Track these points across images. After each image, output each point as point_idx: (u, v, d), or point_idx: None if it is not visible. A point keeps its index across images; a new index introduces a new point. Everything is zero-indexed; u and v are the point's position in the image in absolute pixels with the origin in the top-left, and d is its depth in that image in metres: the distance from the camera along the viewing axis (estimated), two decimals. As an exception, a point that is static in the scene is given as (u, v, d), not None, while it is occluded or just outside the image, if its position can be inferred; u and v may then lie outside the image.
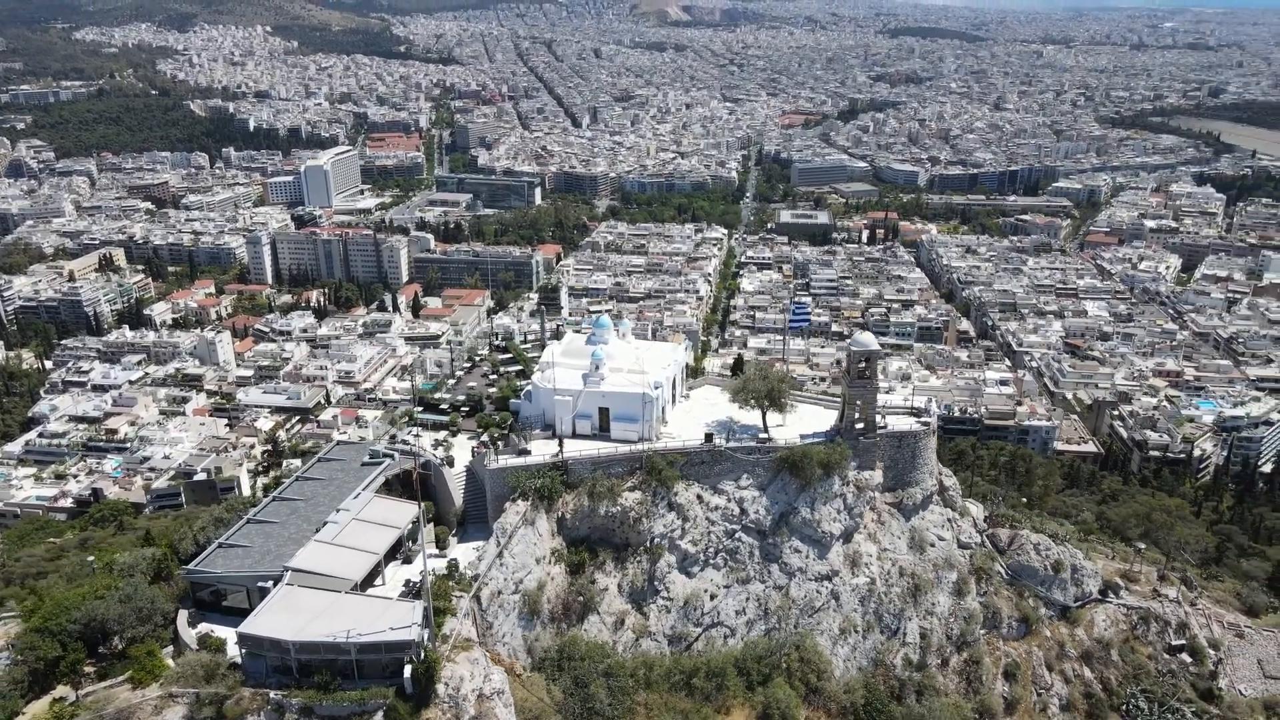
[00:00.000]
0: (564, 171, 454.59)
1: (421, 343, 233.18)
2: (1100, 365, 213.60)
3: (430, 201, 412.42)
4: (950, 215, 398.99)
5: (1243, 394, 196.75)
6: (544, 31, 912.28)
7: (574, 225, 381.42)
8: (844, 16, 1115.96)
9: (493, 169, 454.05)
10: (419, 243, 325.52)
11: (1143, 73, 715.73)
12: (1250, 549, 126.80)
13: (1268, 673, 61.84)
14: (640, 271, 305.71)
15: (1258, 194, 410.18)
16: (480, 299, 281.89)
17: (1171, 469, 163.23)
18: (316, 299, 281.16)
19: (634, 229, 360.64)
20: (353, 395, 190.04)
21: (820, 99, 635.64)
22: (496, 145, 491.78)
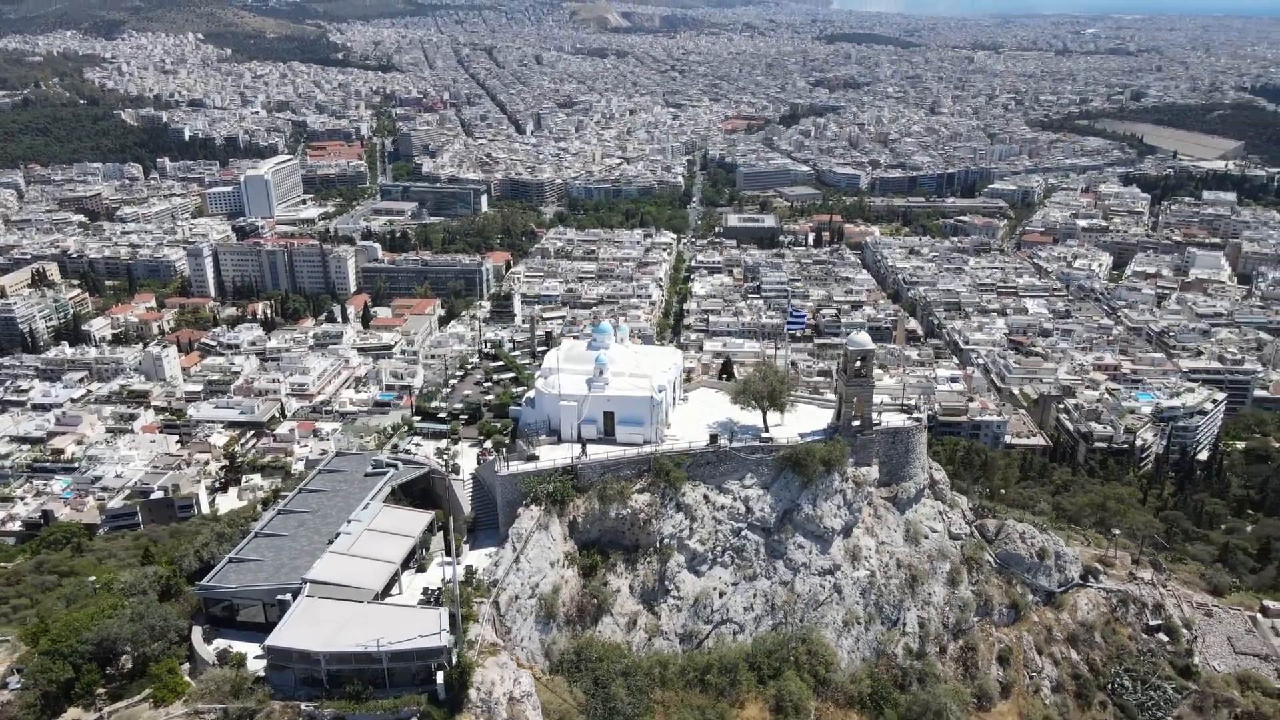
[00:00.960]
0: (510, 178, 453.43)
1: (375, 353, 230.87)
2: (1044, 361, 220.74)
3: (375, 210, 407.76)
4: (892, 217, 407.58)
5: (1178, 385, 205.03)
6: (484, 38, 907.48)
7: (522, 232, 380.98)
8: (781, 23, 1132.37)
9: (437, 177, 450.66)
10: (366, 252, 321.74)
11: (1068, 77, 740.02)
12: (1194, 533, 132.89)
13: (1238, 649, 65.46)
14: (592, 277, 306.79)
15: (1180, 193, 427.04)
16: (431, 308, 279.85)
17: (1116, 459, 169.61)
18: (262, 311, 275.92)
19: (583, 235, 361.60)
20: (308, 408, 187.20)
21: (762, 104, 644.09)
22: (440, 153, 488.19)
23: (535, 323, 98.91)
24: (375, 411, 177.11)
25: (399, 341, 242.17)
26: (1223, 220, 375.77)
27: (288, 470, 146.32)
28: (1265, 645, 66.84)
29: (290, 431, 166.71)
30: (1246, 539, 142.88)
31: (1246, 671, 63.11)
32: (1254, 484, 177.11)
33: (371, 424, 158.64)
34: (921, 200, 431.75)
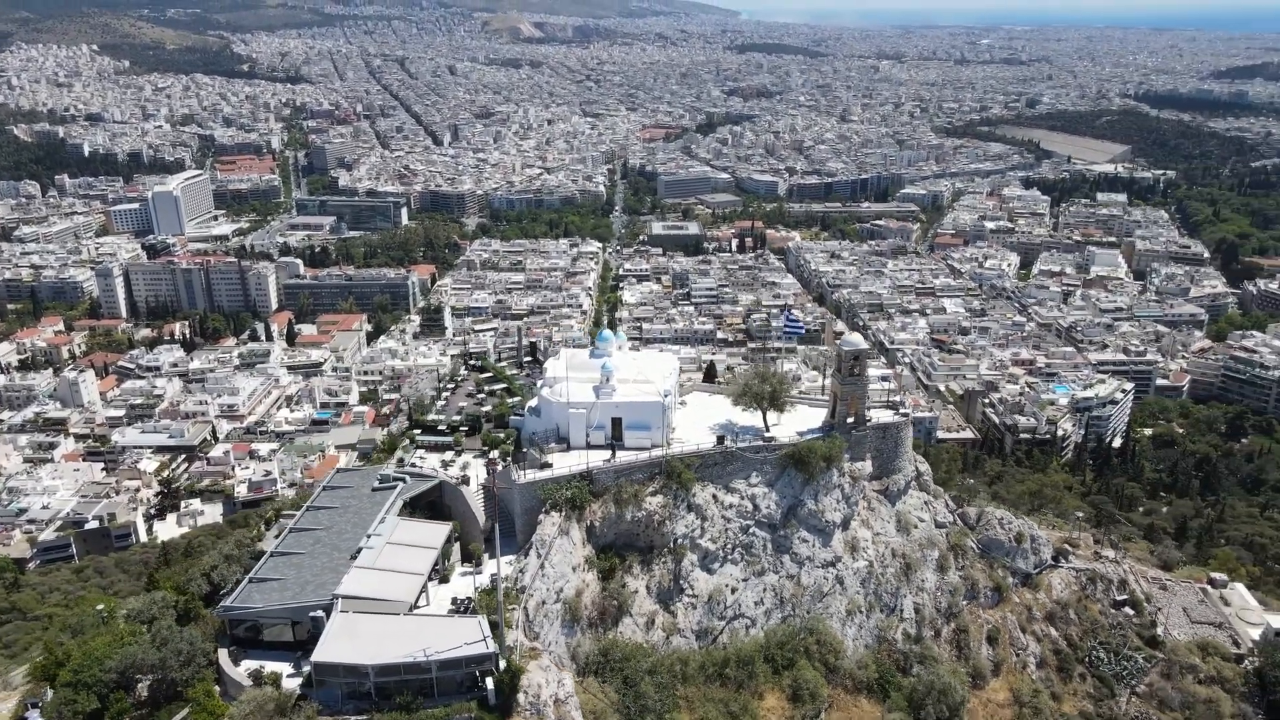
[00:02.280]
0: (430, 190, 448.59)
1: (305, 371, 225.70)
2: (965, 358, 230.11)
3: (291, 225, 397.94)
4: (811, 222, 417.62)
5: (1090, 377, 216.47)
6: (395, 49, 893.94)
7: (445, 244, 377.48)
8: (693, 33, 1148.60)
9: (355, 190, 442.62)
10: (287, 268, 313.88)
11: (968, 86, 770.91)
12: (1118, 516, 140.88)
13: (1194, 619, 70.56)
14: (520, 288, 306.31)
15: (1076, 195, 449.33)
16: (358, 324, 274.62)
17: (1040, 449, 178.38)
18: (180, 332, 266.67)
19: (509, 246, 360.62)
20: (241, 429, 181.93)
21: (678, 113, 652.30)
22: (357, 166, 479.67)
23: (521, 334, 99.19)
24: (313, 430, 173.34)
25: (328, 358, 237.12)
26: (1116, 220, 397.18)
27: (228, 493, 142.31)
28: (1218, 614, 72.23)
29: (225, 454, 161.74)
30: (1164, 519, 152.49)
31: (1204, 639, 68.20)
32: (1164, 468, 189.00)
33: (314, 442, 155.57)
34: (838, 205, 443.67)
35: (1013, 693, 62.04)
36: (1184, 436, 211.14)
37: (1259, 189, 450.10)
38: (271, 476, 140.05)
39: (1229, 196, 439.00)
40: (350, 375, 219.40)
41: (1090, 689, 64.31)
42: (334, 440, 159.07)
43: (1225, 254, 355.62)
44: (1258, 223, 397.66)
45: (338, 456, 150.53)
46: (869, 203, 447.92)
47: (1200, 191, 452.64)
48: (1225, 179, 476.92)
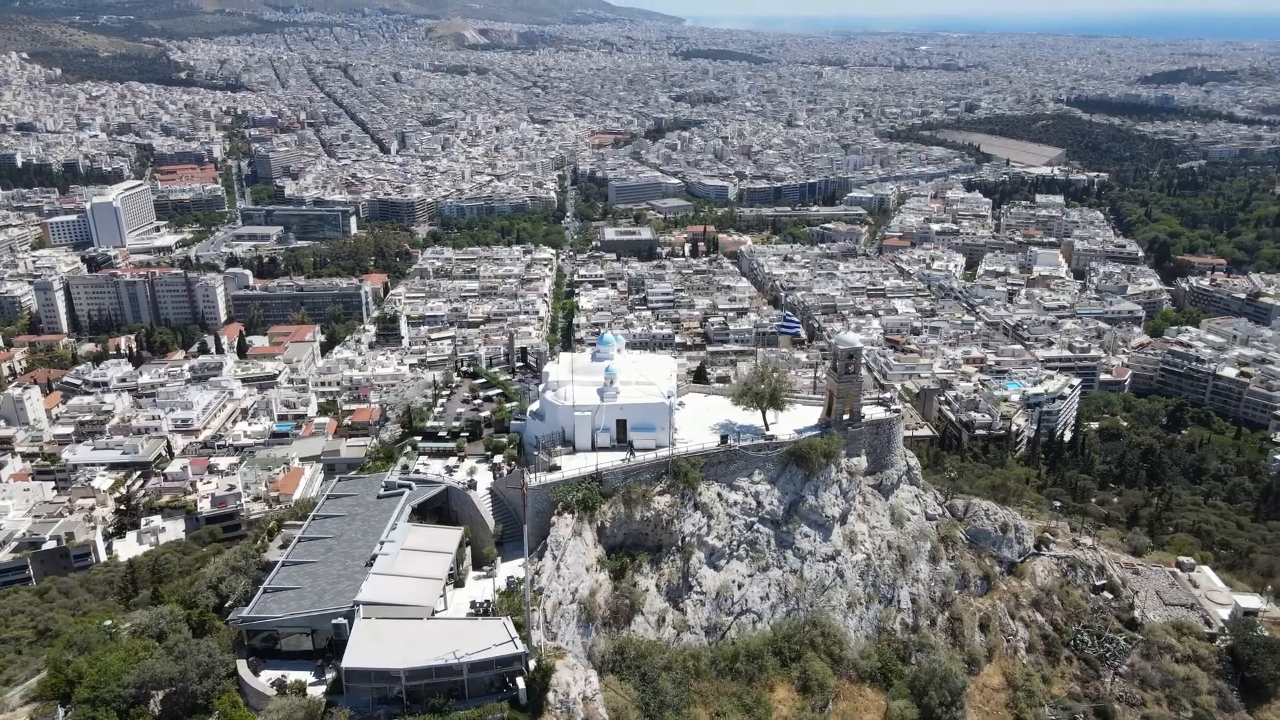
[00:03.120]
0: (379, 199, 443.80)
1: (259, 384, 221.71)
2: (919, 357, 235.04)
3: (237, 236, 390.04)
4: (762, 226, 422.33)
5: (1039, 373, 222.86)
6: (338, 56, 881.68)
7: (396, 253, 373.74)
8: (638, 40, 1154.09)
9: (302, 199, 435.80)
10: (236, 279, 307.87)
11: (909, 91, 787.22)
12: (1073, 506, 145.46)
13: (1167, 601, 73.62)
14: (475, 296, 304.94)
15: (1016, 197, 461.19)
16: (311, 334, 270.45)
17: (996, 444, 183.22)
18: (126, 346, 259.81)
19: (461, 254, 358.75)
20: (198, 444, 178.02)
21: (627, 119, 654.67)
22: (303, 174, 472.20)
23: (513, 339, 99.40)
24: (273, 443, 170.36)
25: (283, 370, 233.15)
26: (1055, 221, 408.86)
27: (190, 509, 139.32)
28: (1188, 596, 75.44)
29: (183, 469, 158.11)
30: (1117, 509, 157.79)
31: (1178, 620, 71.23)
32: (1112, 459, 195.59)
33: (277, 455, 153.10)
34: (787, 209, 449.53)
35: (1006, 677, 64.24)
36: (1129, 429, 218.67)
37: (1187, 190, 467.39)
38: (235, 491, 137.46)
39: (1159, 197, 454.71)
40: (307, 387, 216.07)
41: (1077, 671, 66.84)
42: (298, 452, 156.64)
43: (1158, 253, 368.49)
44: (1187, 222, 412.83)
45: (302, 469, 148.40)
46: (817, 206, 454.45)
47: (1132, 193, 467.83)
48: (1155, 180, 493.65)
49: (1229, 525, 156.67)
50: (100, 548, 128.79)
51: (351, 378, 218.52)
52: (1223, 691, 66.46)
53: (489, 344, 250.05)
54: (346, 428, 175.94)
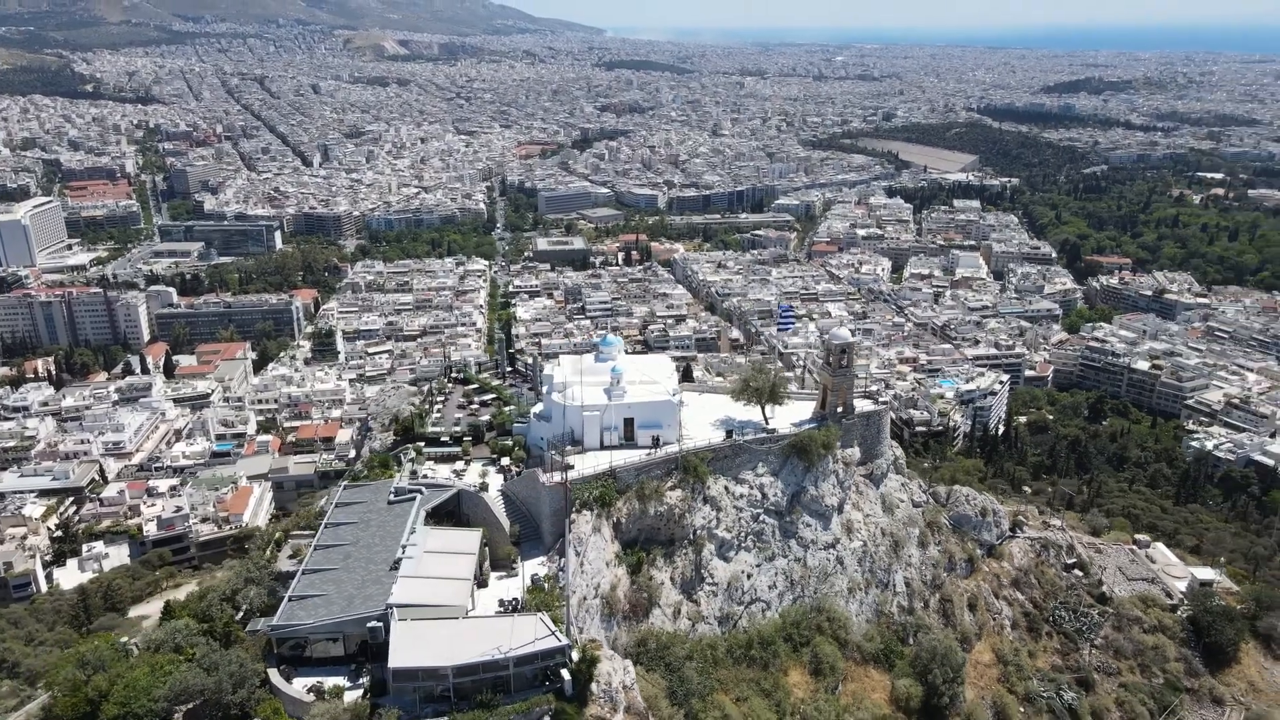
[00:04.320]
0: (303, 213, 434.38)
1: (192, 403, 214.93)
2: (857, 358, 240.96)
3: (155, 253, 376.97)
4: (692, 234, 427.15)
5: (970, 371, 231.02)
6: (253, 68, 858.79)
7: (325, 268, 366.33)
8: (560, 50, 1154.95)
9: (223, 214, 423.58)
10: (159, 297, 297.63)
11: (828, 101, 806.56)
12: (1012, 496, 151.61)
13: (1129, 576, 77.85)
14: (410, 309, 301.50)
15: (935, 202, 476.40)
16: (241, 352, 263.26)
17: (935, 439, 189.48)
18: (44, 369, 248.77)
19: (393, 267, 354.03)
20: (133, 467, 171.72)
21: (553, 129, 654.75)
22: (223, 189, 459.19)
23: (503, 346, 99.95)
24: (214, 463, 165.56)
25: (215, 389, 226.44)
26: (973, 225, 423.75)
27: (132, 532, 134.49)
28: (1148, 571, 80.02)
29: (120, 493, 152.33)
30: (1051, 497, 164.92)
31: (1142, 594, 75.50)
32: (1042, 451, 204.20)
33: (223, 475, 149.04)
34: (717, 217, 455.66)
35: (995, 653, 67.19)
36: (1055, 422, 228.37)
37: (1091, 194, 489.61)
38: (183, 512, 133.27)
39: (1068, 201, 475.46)
40: (244, 405, 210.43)
41: (1057, 645, 70.32)
42: (245, 471, 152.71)
43: (1069, 254, 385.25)
44: (1093, 224, 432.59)
45: (251, 488, 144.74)
46: (746, 213, 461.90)
47: (1042, 197, 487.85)
48: (1062, 185, 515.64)
49: (1154, 509, 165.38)
50: (40, 576, 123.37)
51: (290, 394, 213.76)
52: (1188, 658, 70.80)
53: (428, 356, 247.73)
54: (292, 445, 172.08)
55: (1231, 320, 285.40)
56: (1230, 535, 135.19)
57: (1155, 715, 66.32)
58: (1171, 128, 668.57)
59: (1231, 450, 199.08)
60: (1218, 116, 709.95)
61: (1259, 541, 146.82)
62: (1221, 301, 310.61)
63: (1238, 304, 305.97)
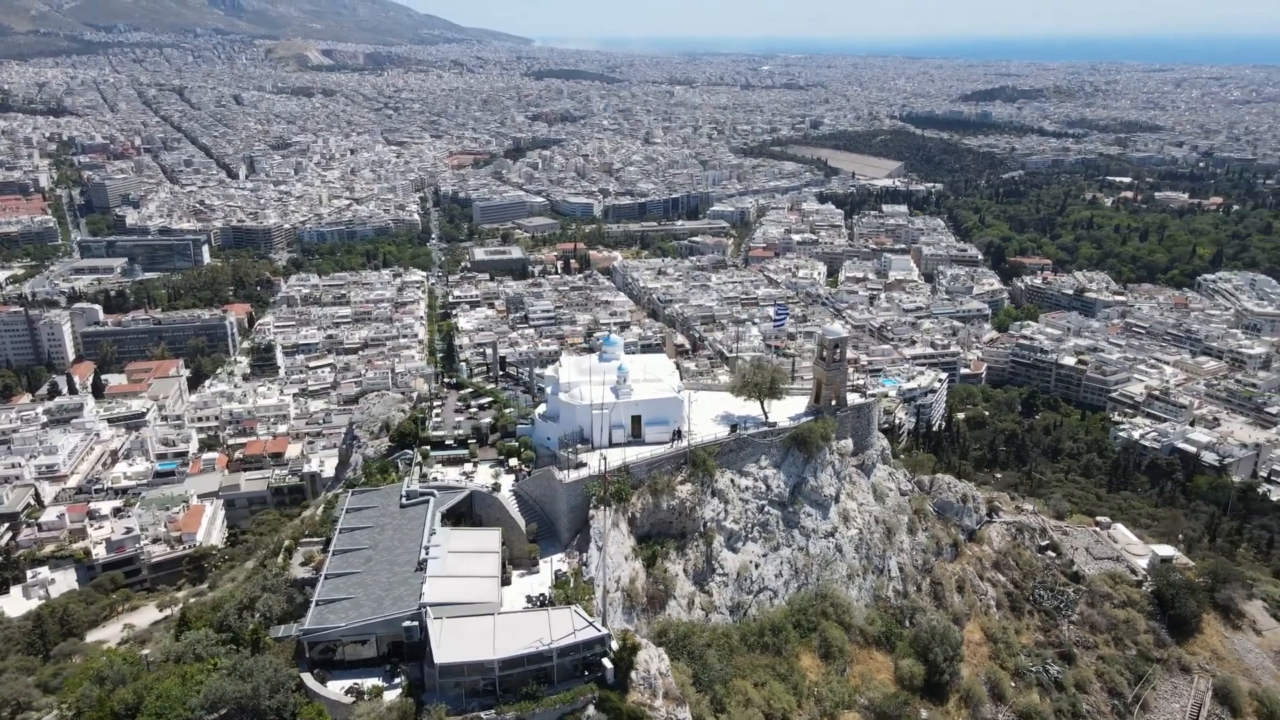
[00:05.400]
0: (232, 226, 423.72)
1: (127, 423, 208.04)
2: (801, 360, 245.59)
3: (76, 269, 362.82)
4: (630, 242, 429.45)
5: (910, 370, 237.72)
6: (171, 78, 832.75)
7: (257, 282, 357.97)
8: (489, 60, 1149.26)
9: (146, 229, 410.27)
10: (84, 315, 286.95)
11: (757, 109, 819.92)
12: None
13: (1095, 555, 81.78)
14: (349, 322, 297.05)
15: (865, 208, 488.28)
16: (174, 369, 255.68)
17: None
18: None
19: (329, 280, 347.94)
20: (72, 490, 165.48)
21: (484, 139, 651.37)
22: (145, 203, 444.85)
23: (494, 349, 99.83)
24: (158, 483, 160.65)
25: (150, 408, 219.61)
26: (903, 229, 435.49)
27: (78, 556, 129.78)
28: (1112, 550, 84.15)
29: (61, 517, 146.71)
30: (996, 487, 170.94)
31: (1109, 571, 79.48)
32: (983, 445, 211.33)
33: (172, 494, 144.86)
34: (653, 224, 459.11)
35: (984, 632, 70.01)
36: (991, 417, 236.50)
37: (1011, 198, 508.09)
38: (134, 534, 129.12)
39: (989, 205, 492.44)
40: (183, 423, 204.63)
41: (1038, 622, 73.54)
42: (195, 489, 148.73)
43: (994, 255, 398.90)
44: (1015, 227, 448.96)
45: (203, 506, 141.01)
46: (682, 221, 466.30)
47: (965, 201, 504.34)
48: (984, 189, 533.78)
49: (1090, 497, 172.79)
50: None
51: (232, 411, 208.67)
52: (1156, 630, 74.84)
53: (372, 368, 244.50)
54: (240, 461, 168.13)
55: (1147, 316, 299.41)
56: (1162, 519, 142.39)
57: (1132, 685, 70.18)
58: (1082, 134, 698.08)
59: (1156, 439, 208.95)
60: (1123, 123, 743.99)
61: (1188, 524, 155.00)
62: (1137, 299, 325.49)
63: (1152, 301, 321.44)
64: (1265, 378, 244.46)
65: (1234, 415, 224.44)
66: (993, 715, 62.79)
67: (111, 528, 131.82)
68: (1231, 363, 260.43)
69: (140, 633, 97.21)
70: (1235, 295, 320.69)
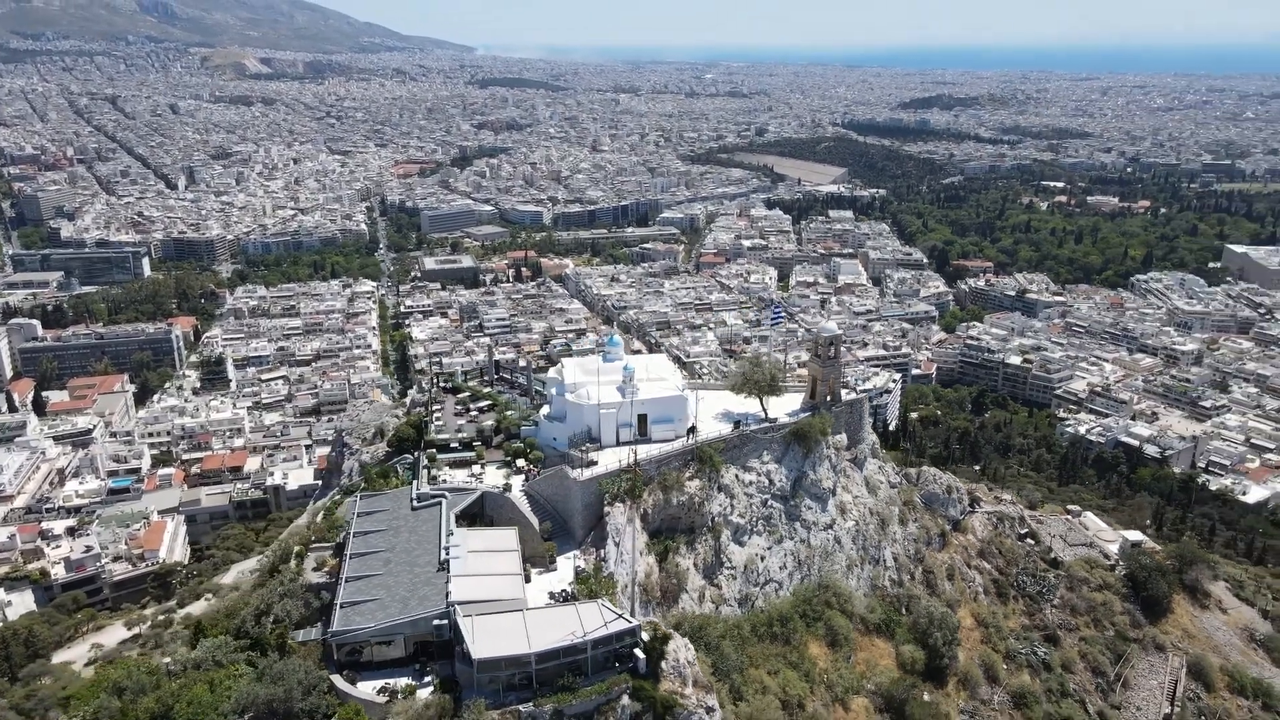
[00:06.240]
0: (173, 238, 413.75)
1: (74, 440, 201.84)
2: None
3: (9, 284, 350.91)
4: (581, 249, 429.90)
5: (866, 371, 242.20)
6: (103, 87, 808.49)
7: (201, 294, 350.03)
8: (431, 68, 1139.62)
9: (83, 242, 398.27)
10: (21, 331, 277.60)
11: (702, 117, 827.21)
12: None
13: (1070, 542, 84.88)
14: (300, 333, 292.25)
15: (812, 213, 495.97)
16: (119, 384, 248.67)
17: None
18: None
19: (276, 291, 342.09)
20: (20, 510, 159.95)
21: (430, 147, 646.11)
22: (80, 215, 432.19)
23: (491, 352, 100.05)
24: (112, 500, 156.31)
25: (97, 425, 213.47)
26: (849, 234, 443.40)
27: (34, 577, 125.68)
28: (1085, 536, 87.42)
29: (11, 538, 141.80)
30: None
31: (1084, 557, 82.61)
32: (937, 443, 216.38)
33: (132, 511, 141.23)
34: (603, 231, 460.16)
35: (975, 617, 72.24)
36: (944, 416, 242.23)
37: (952, 202, 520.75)
38: (94, 552, 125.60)
39: (931, 209, 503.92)
40: (134, 439, 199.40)
41: (1023, 607, 76.18)
42: (156, 505, 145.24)
43: (938, 259, 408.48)
44: (957, 231, 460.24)
45: (164, 522, 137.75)
46: (632, 228, 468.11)
47: (908, 206, 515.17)
48: (925, 195, 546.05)
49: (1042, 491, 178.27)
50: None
51: (184, 425, 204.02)
52: (1131, 611, 78.07)
53: (328, 380, 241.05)
54: (198, 476, 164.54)
55: (1086, 316, 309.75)
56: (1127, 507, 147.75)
57: (1113, 664, 73.18)
58: (1016, 140, 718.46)
59: (1101, 434, 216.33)
60: (1055, 130, 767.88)
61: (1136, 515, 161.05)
62: (1075, 299, 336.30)
63: (1089, 301, 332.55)
64: (1198, 373, 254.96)
65: (1171, 409, 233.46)
66: (989, 696, 65.25)
67: (70, 547, 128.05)
68: (1166, 359, 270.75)
69: (109, 652, 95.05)
70: (1166, 295, 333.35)
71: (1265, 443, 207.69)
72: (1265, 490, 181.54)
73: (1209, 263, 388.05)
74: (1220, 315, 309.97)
